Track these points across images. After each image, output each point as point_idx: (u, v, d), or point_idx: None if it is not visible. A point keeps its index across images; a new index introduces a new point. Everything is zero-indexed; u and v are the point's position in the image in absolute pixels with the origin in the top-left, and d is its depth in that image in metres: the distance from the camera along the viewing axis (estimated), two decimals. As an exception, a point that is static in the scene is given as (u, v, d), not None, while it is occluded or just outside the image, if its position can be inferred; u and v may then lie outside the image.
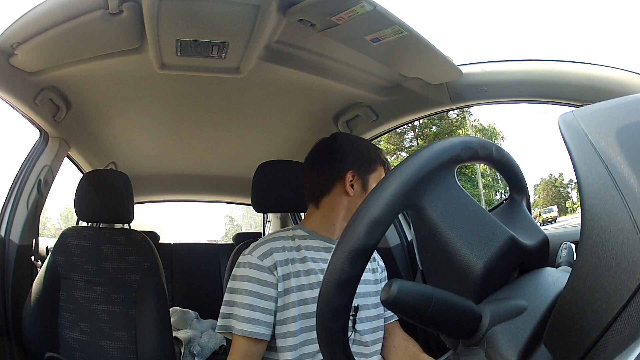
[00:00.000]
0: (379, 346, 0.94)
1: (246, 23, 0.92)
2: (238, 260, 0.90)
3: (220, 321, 0.87)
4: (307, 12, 0.87)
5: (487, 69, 1.09)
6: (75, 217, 1.42)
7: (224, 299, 0.88)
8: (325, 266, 0.90)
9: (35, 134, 1.36)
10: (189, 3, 0.86)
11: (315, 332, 0.89)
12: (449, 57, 1.03)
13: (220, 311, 0.87)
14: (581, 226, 0.29)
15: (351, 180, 0.93)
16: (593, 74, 0.95)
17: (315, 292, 0.88)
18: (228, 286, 0.88)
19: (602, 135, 0.30)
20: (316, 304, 0.95)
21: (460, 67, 1.08)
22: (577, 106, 0.49)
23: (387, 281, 1.13)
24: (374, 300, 0.96)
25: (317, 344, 0.87)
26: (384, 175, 0.96)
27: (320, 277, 0.89)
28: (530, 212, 0.46)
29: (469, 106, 1.24)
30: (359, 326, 0.90)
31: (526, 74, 1.05)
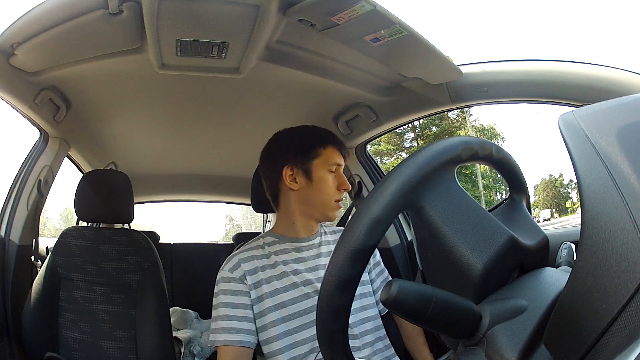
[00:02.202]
0: (369, 338, 0.94)
1: (246, 23, 0.92)
2: (218, 277, 0.93)
3: (210, 337, 0.90)
4: (307, 12, 0.87)
5: (487, 69, 1.08)
6: (75, 217, 1.42)
7: (212, 315, 0.91)
8: (297, 266, 0.92)
9: (35, 134, 1.36)
10: (189, 3, 0.86)
11: (301, 333, 0.91)
12: (449, 57, 1.03)
13: (210, 327, 0.91)
14: (581, 226, 0.29)
15: (290, 175, 0.93)
16: (593, 74, 0.95)
17: (292, 294, 0.90)
18: (213, 304, 0.92)
19: (602, 135, 0.30)
20: (295, 306, 0.96)
21: (460, 67, 1.07)
22: (577, 106, 0.49)
23: (381, 263, 1.14)
24: (359, 291, 0.96)
25: (305, 346, 0.89)
26: (333, 157, 0.95)
27: (294, 278, 0.91)
28: (530, 212, 0.46)
29: (469, 106, 1.24)
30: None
31: (526, 74, 1.05)
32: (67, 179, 1.61)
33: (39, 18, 0.90)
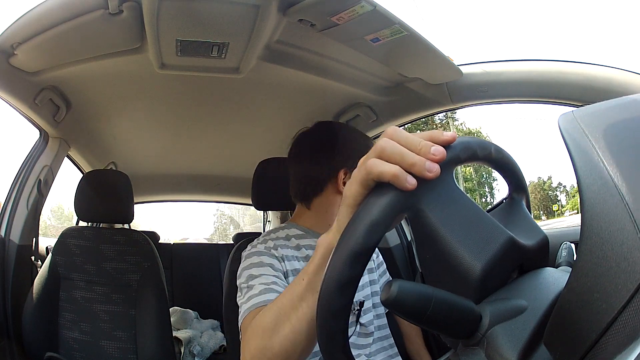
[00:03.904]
0: (380, 333, 0.93)
1: (246, 23, 0.92)
2: (245, 254, 0.84)
3: (243, 308, 0.74)
4: (307, 12, 0.87)
5: (487, 69, 1.09)
6: (68, 214, 1.43)
7: (240, 286, 0.78)
8: None
9: (35, 134, 1.36)
10: (189, 3, 0.86)
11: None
12: (449, 57, 1.03)
13: (238, 302, 0.77)
14: (581, 226, 0.29)
15: (344, 179, 0.87)
16: (593, 74, 0.95)
17: None
18: (240, 277, 0.80)
19: (602, 135, 0.30)
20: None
21: (460, 67, 1.08)
22: (577, 106, 0.49)
23: (383, 264, 1.13)
24: (372, 290, 0.96)
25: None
26: None
27: None
28: (530, 212, 0.46)
29: (468, 106, 1.24)
30: (362, 319, 0.89)
31: (526, 74, 1.05)
32: (66, 179, 1.62)
33: (39, 18, 0.90)
